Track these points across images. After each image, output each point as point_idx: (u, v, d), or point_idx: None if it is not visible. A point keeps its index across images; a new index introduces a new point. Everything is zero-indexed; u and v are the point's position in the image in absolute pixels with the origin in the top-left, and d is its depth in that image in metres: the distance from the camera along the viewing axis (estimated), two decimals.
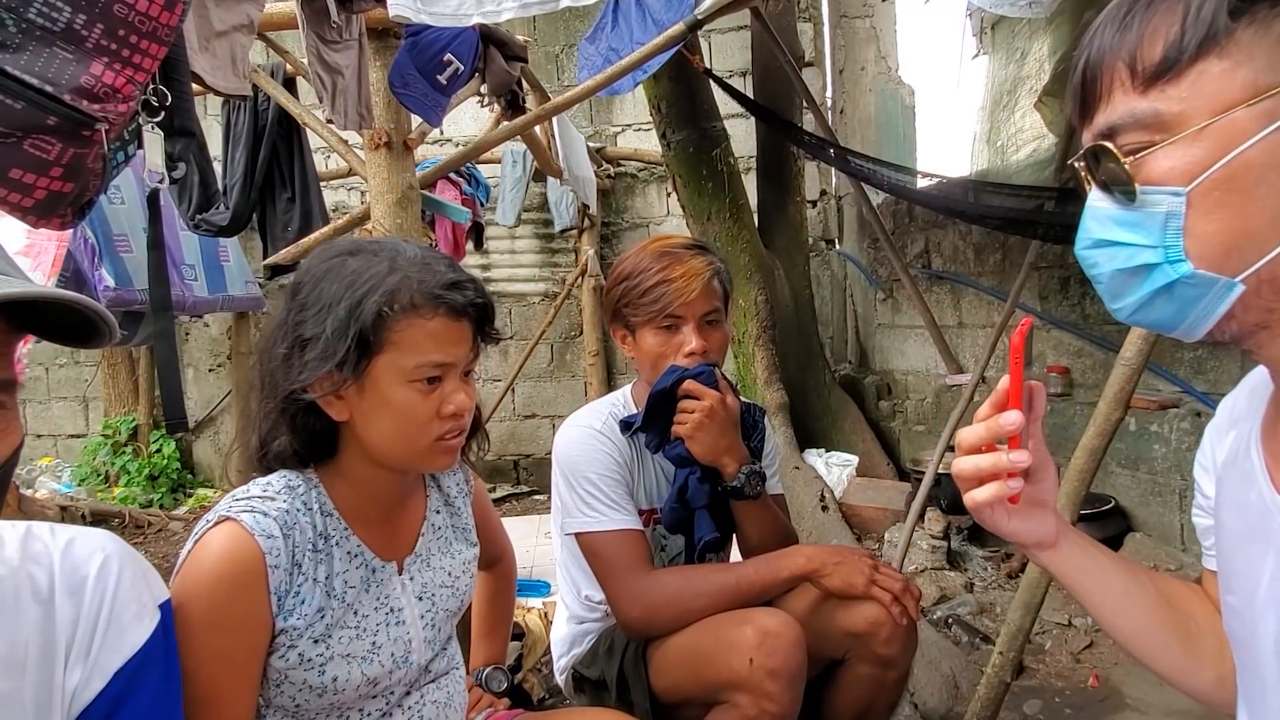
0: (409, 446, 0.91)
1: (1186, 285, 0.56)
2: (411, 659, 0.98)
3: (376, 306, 0.86)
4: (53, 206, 1.11)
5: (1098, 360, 3.25)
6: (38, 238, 1.62)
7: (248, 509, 0.86)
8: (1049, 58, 3.83)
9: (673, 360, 1.32)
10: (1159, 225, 0.56)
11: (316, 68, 1.83)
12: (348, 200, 5.48)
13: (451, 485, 1.12)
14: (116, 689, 0.68)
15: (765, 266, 4.15)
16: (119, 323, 2.80)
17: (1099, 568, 0.76)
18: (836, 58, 5.50)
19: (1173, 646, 0.76)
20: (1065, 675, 2.31)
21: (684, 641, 1.23)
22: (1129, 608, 0.76)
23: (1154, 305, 0.59)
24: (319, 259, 0.93)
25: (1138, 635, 0.77)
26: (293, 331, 0.89)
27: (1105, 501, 2.96)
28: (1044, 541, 0.74)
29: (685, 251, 1.34)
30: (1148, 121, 0.56)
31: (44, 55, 1.02)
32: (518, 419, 5.50)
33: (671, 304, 1.30)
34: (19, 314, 0.60)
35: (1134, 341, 1.55)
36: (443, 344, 0.89)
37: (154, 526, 4.26)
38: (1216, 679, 0.74)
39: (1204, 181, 0.54)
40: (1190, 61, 0.54)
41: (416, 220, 2.18)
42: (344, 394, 0.88)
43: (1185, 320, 0.58)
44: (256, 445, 0.93)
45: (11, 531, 0.70)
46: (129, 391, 5.34)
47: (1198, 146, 0.54)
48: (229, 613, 0.82)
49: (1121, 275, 0.59)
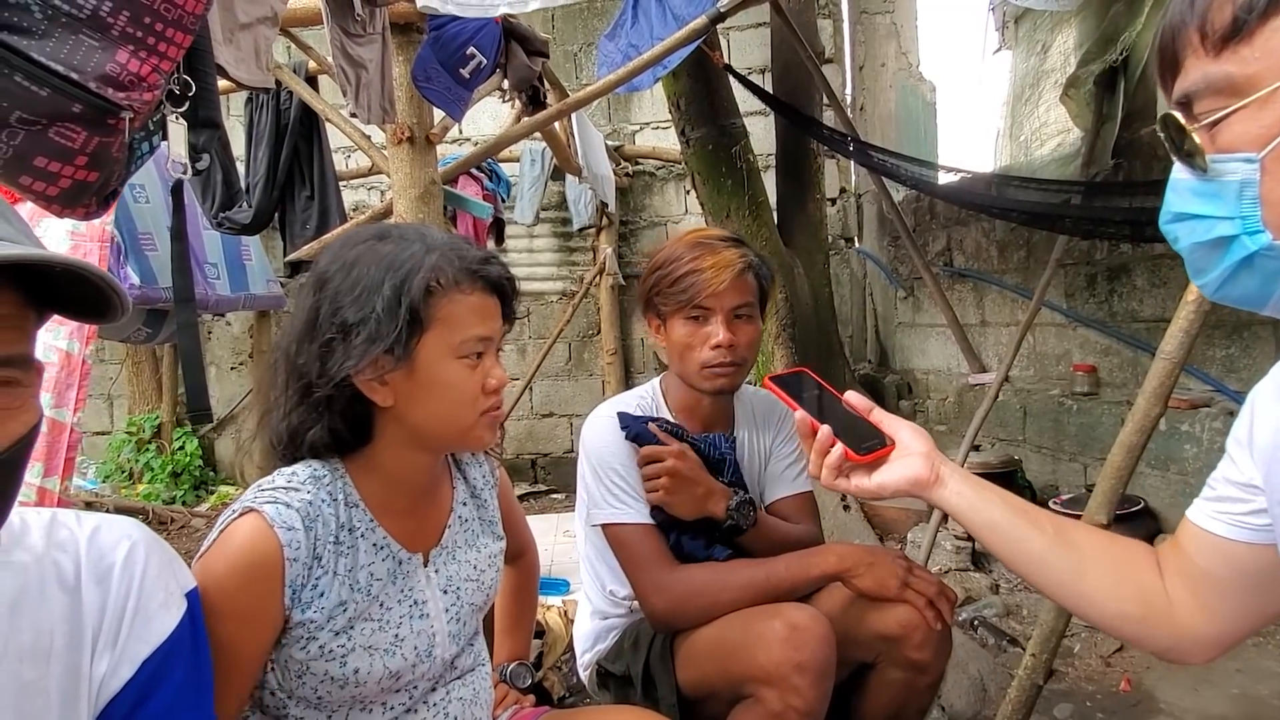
0: (457, 423, 0.92)
1: (1267, 258, 0.54)
2: (435, 652, 0.97)
3: (424, 282, 0.87)
4: (78, 195, 1.11)
5: (1125, 359, 3.19)
6: (81, 239, 1.63)
7: (271, 500, 0.86)
8: (1075, 50, 3.77)
9: (699, 352, 1.30)
10: (1234, 194, 0.54)
11: (340, 61, 1.83)
12: (367, 199, 5.51)
13: (477, 477, 1.11)
14: (144, 678, 0.67)
15: (784, 265, 4.12)
16: (143, 320, 2.79)
17: (983, 498, 0.81)
18: (857, 54, 5.45)
19: (1085, 586, 0.79)
20: (1096, 679, 2.26)
21: (711, 634, 1.21)
22: (1014, 531, 0.80)
23: (1237, 280, 0.56)
24: (343, 247, 0.92)
25: (1039, 572, 0.80)
26: (331, 319, 0.88)
27: (1135, 502, 2.90)
28: (922, 482, 0.82)
29: (720, 243, 1.33)
30: (1220, 86, 0.53)
31: (70, 42, 1.02)
32: (535, 418, 5.50)
33: (700, 294, 1.28)
34: (34, 288, 0.59)
35: (1175, 335, 1.50)
36: (485, 318, 0.92)
37: (177, 523, 4.30)
38: (1172, 643, 0.77)
39: (1279, 145, 0.52)
40: (1260, 19, 0.51)
41: (439, 215, 2.18)
42: (389, 379, 0.88)
43: (1273, 295, 0.56)
44: (285, 438, 0.92)
45: (37, 518, 0.69)
46: (152, 389, 5.40)
47: (1271, 109, 0.52)
48: (237, 600, 0.82)
49: (1201, 249, 0.57)
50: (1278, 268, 0.54)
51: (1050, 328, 3.55)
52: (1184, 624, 0.75)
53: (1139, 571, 0.78)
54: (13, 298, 0.57)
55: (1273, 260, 0.54)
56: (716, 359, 1.30)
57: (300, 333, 0.90)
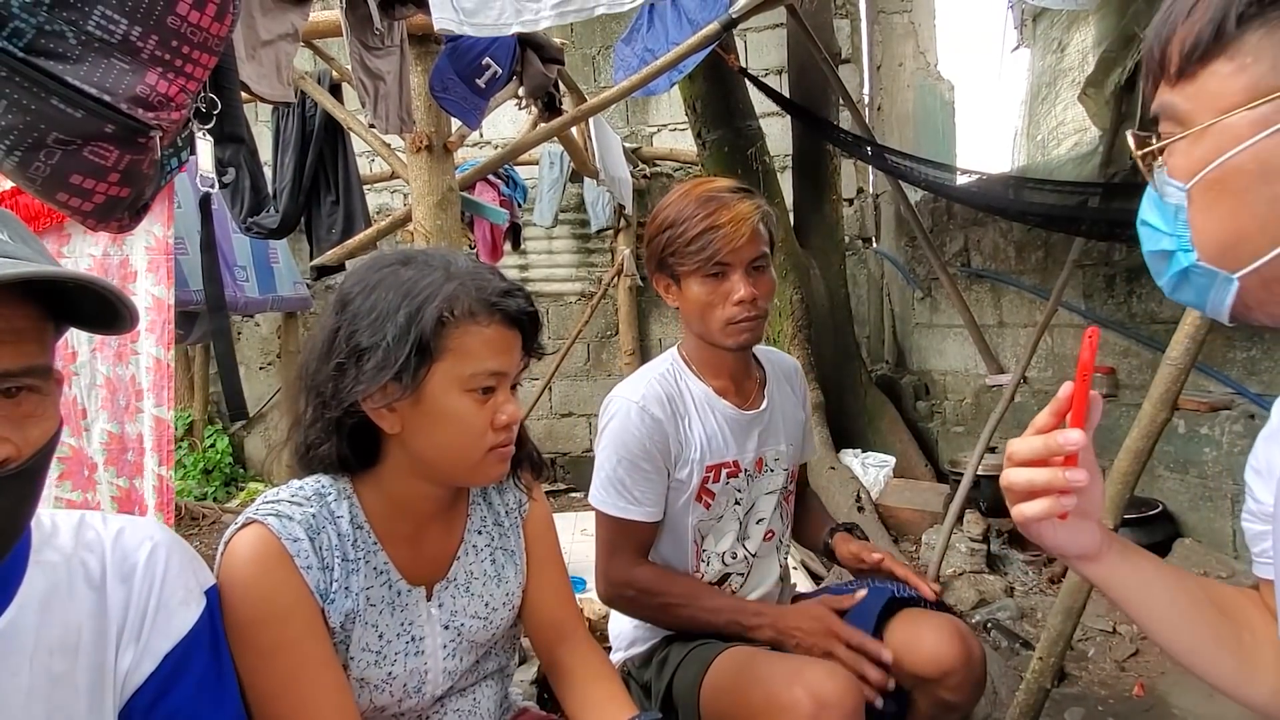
0: (463, 458, 0.89)
1: (1196, 274, 0.59)
2: (425, 689, 0.95)
3: (437, 313, 0.84)
4: (110, 210, 1.17)
5: (1145, 360, 3.15)
6: (155, 254, 1.74)
7: (273, 513, 0.86)
8: (1093, 48, 3.73)
9: (721, 309, 1.27)
10: (1172, 215, 0.59)
11: (360, 74, 1.88)
12: (391, 202, 5.60)
13: (502, 504, 1.06)
14: (166, 671, 0.71)
15: (801, 265, 4.13)
16: (175, 322, 2.87)
17: (1144, 578, 0.73)
18: (874, 54, 5.43)
19: (1225, 657, 0.73)
20: (1109, 683, 2.25)
21: (735, 685, 1.18)
22: (1176, 618, 0.73)
23: (1180, 287, 0.61)
24: (369, 269, 0.91)
25: (1187, 646, 0.74)
26: (346, 343, 0.86)
27: (1153, 506, 2.87)
28: (1087, 553, 0.71)
29: (730, 195, 1.28)
30: (1172, 113, 0.58)
31: (102, 66, 1.07)
32: (554, 417, 5.55)
33: (720, 251, 1.24)
34: (52, 302, 0.63)
35: (1180, 341, 1.51)
36: (498, 352, 0.88)
37: (208, 519, 4.42)
38: (1274, 690, 0.72)
39: (1200, 180, 0.56)
40: (1200, 62, 0.55)
41: (456, 221, 2.23)
42: (397, 406, 0.86)
43: (1206, 304, 0.60)
44: (304, 449, 0.92)
45: (66, 520, 0.73)
46: (184, 388, 5.54)
47: (1200, 146, 0.56)
48: (275, 603, 0.82)
49: (1154, 256, 0.63)
50: (1204, 284, 0.59)
51: (1068, 328, 3.52)
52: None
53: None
54: (33, 312, 0.62)
55: (1200, 276, 0.59)
56: (741, 314, 1.26)
57: (319, 351, 0.90)
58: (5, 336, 0.59)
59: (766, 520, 1.40)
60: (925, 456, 4.05)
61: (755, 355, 1.46)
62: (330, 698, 0.83)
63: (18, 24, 1.03)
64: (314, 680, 0.82)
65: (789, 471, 1.43)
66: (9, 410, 0.60)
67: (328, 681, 0.83)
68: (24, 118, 1.03)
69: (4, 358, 0.59)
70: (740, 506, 1.38)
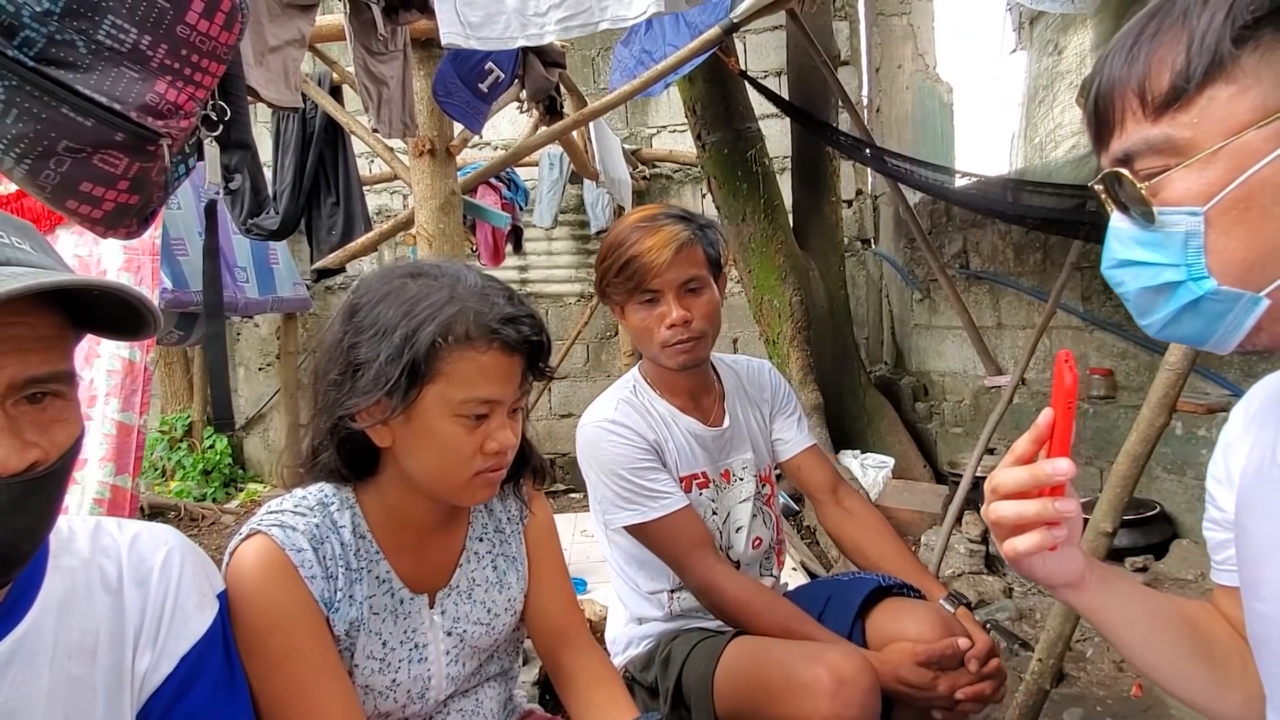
0: (448, 479, 0.89)
1: (1211, 301, 0.58)
2: (429, 695, 0.96)
3: (431, 336, 0.83)
4: (120, 217, 1.18)
5: (1142, 362, 3.17)
6: (134, 253, 1.71)
7: (277, 524, 0.86)
8: (1091, 52, 3.75)
9: (657, 333, 1.28)
10: (1179, 244, 0.58)
11: (363, 79, 1.89)
12: (390, 203, 5.61)
13: (502, 512, 1.06)
14: (183, 673, 0.73)
15: (800, 267, 4.14)
16: (175, 323, 2.89)
17: (1123, 602, 0.74)
18: (873, 56, 5.45)
19: (1199, 673, 0.75)
20: (1107, 684, 2.27)
21: (751, 670, 1.19)
22: (1155, 637, 0.74)
23: (1181, 321, 0.60)
24: (379, 280, 0.91)
25: (1164, 665, 0.75)
26: (346, 355, 0.87)
27: (1150, 507, 2.89)
28: (1073, 581, 0.71)
29: (661, 220, 1.29)
30: (1161, 147, 0.57)
31: (112, 75, 1.08)
32: (554, 418, 5.56)
33: (646, 278, 1.26)
34: (74, 309, 0.64)
35: (1177, 347, 1.52)
36: (493, 380, 0.86)
37: (207, 519, 4.42)
38: (1244, 700, 0.73)
39: (1220, 201, 0.56)
40: (1198, 89, 0.55)
41: (459, 225, 2.24)
42: (390, 422, 0.87)
43: (1214, 334, 0.59)
44: (308, 455, 0.93)
45: (82, 526, 0.74)
46: (184, 389, 5.55)
47: (1212, 168, 0.56)
48: (281, 612, 0.83)
49: (1147, 293, 0.61)
50: (1220, 309, 0.58)
51: (1067, 330, 3.54)
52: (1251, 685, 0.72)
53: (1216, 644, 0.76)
54: (55, 319, 0.63)
55: (1217, 303, 0.58)
56: (674, 337, 1.28)
57: (325, 359, 0.91)
58: (33, 344, 0.60)
59: (746, 528, 1.42)
60: (924, 458, 4.07)
61: (715, 367, 1.47)
62: (338, 704, 0.84)
63: (28, 33, 1.04)
64: (322, 687, 0.84)
65: (759, 477, 1.45)
66: (36, 416, 0.61)
67: (335, 688, 0.85)
68: (34, 126, 1.04)
69: (32, 364, 0.60)
70: (717, 516, 1.41)
